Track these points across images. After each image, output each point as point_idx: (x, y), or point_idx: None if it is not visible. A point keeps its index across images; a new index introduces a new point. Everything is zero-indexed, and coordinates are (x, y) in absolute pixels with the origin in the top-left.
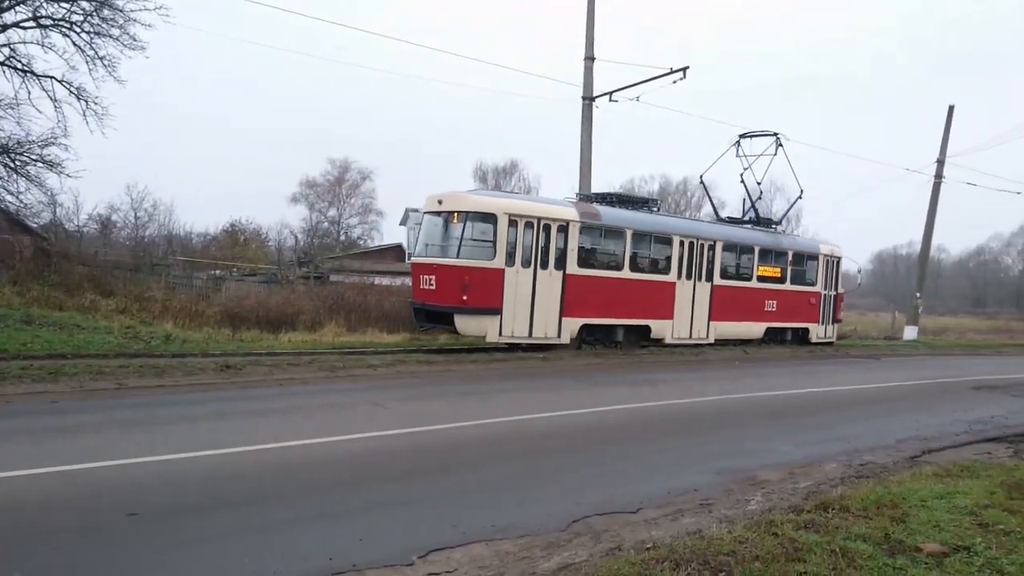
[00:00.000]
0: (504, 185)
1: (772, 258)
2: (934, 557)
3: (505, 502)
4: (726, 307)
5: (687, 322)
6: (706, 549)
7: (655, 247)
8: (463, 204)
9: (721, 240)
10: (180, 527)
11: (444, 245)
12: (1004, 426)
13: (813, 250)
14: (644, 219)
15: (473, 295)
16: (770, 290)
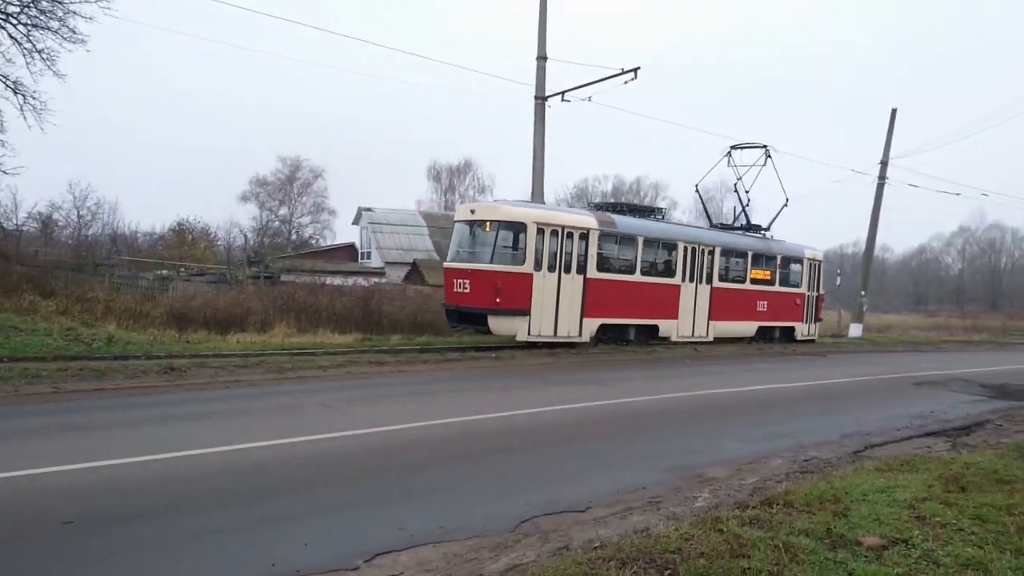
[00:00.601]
0: (458, 185)
1: (763, 262)
2: (874, 550)
3: (454, 503)
4: (724, 308)
5: (690, 322)
6: (653, 547)
7: (662, 252)
8: (495, 214)
9: (719, 246)
10: (118, 535)
11: (477, 251)
12: (943, 420)
13: (798, 254)
14: (653, 227)
15: (505, 298)
16: (761, 292)
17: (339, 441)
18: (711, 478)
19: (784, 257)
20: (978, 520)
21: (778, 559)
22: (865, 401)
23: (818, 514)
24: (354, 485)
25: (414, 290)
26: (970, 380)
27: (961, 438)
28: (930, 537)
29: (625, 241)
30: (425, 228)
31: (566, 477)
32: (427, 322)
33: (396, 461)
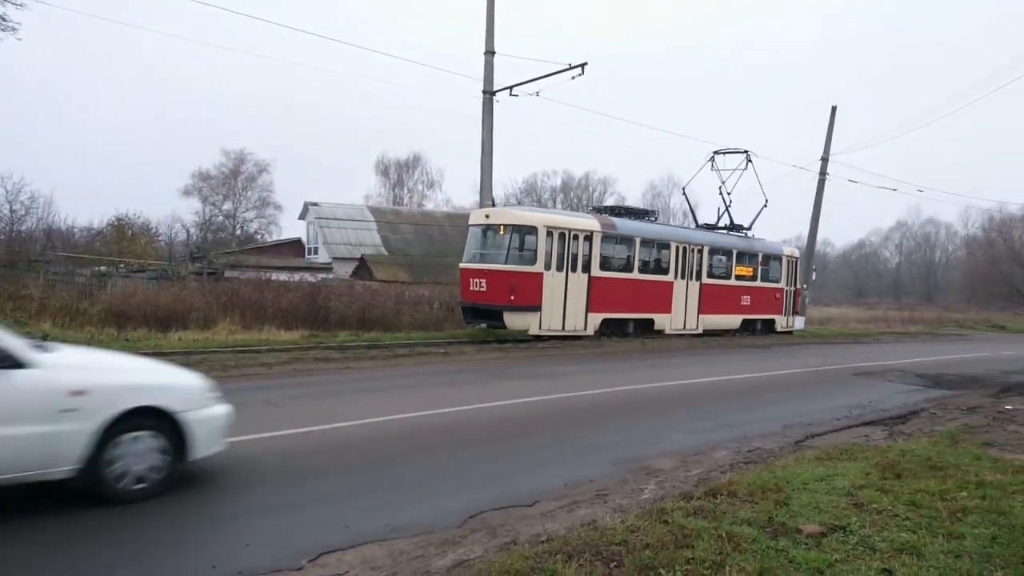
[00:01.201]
0: (407, 180)
1: (746, 259)
2: (813, 537)
3: (401, 500)
4: (711, 302)
5: (682, 316)
6: (599, 540)
7: (657, 252)
8: (508, 218)
9: (708, 245)
10: (51, 541)
11: (492, 253)
12: (881, 410)
13: (777, 252)
14: (649, 228)
15: (519, 295)
16: (745, 287)
17: (283, 439)
18: (657, 470)
19: (765, 254)
20: (912, 506)
21: (721, 548)
22: (807, 392)
23: (761, 503)
24: (299, 484)
25: (362, 285)
26: (906, 371)
27: (897, 427)
28: (867, 523)
29: (624, 242)
30: (373, 223)
31: (514, 472)
32: (375, 318)
33: (343, 459)
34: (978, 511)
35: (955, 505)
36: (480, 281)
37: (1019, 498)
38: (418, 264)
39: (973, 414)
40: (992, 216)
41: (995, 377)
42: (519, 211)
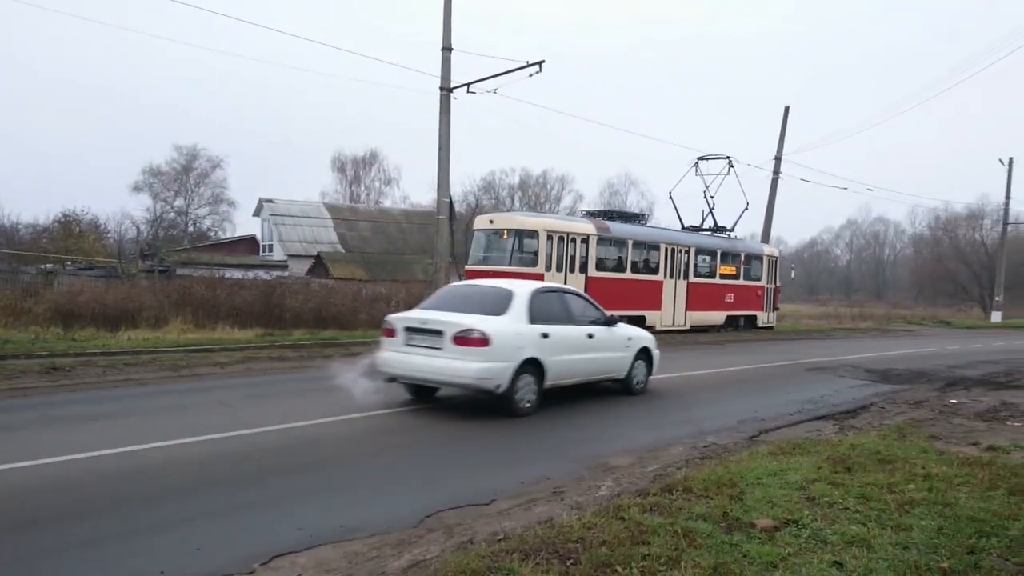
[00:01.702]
0: (364, 176)
1: (729, 259)
2: (767, 532)
3: (356, 501)
4: (698, 300)
5: (671, 313)
6: (556, 537)
7: (648, 253)
8: (512, 223)
9: (694, 246)
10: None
11: (497, 255)
12: (832, 404)
13: (758, 251)
14: (640, 231)
15: None
16: (729, 285)
17: (236, 440)
18: (614, 466)
19: (747, 254)
20: (862, 499)
21: (677, 544)
22: (761, 387)
23: (715, 499)
24: (252, 485)
25: (319, 283)
26: (857, 366)
27: (848, 421)
28: (819, 517)
29: (618, 244)
30: (330, 220)
31: (470, 470)
32: (332, 316)
33: (297, 459)
34: (925, 503)
35: (903, 497)
36: None
37: (964, 490)
38: (376, 262)
39: (920, 408)
40: (938, 215)
41: (941, 372)
42: (521, 216)
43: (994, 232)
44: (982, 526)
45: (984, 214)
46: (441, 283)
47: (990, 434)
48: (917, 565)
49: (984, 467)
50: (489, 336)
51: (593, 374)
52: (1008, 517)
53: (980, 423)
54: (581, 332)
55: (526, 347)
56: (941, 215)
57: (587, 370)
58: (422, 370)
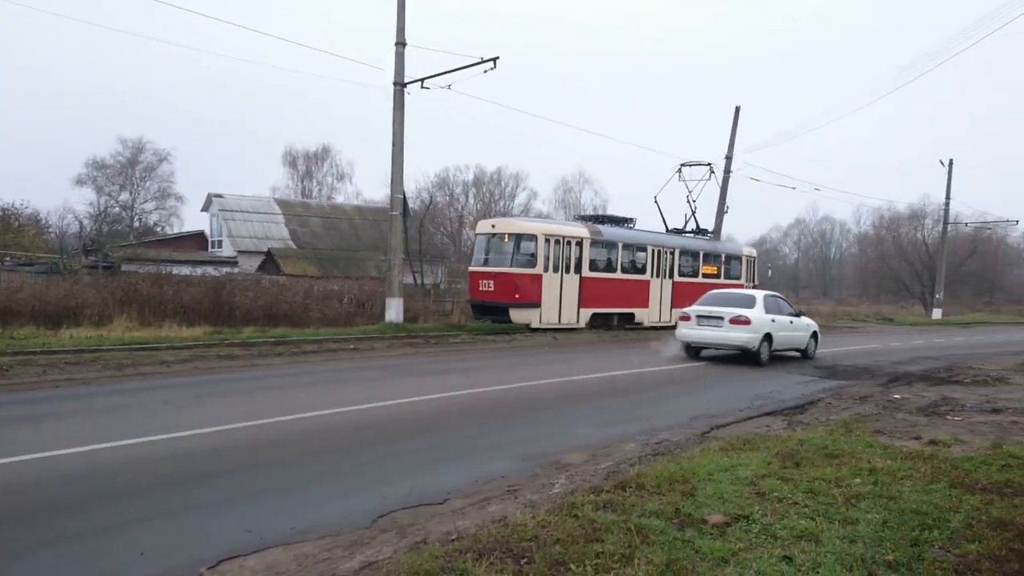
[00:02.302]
0: (316, 172)
1: (711, 259)
2: (718, 528)
3: (307, 501)
4: (683, 298)
5: (657, 310)
6: (510, 536)
7: (637, 254)
8: (513, 228)
9: (679, 247)
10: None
11: (499, 258)
12: (780, 400)
13: (738, 252)
14: (630, 234)
15: (522, 294)
16: (711, 284)
17: (183, 441)
18: (568, 464)
19: (727, 255)
20: (811, 493)
21: (630, 541)
22: (712, 384)
23: (668, 495)
24: (199, 487)
25: (269, 280)
26: (804, 362)
27: (796, 416)
28: (769, 512)
29: (609, 246)
30: (281, 216)
31: (425, 469)
32: (283, 313)
33: (245, 460)
34: (871, 497)
35: (849, 491)
36: (488, 282)
37: (907, 483)
38: (328, 258)
39: (865, 403)
40: (882, 215)
41: (884, 368)
42: (521, 221)
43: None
44: (924, 519)
45: (925, 214)
46: (395, 280)
47: (931, 428)
48: (863, 558)
49: (926, 461)
50: (751, 319)
51: (791, 344)
52: (949, 509)
53: (922, 417)
54: (787, 320)
55: (765, 327)
56: (885, 215)
57: (789, 343)
58: (710, 338)
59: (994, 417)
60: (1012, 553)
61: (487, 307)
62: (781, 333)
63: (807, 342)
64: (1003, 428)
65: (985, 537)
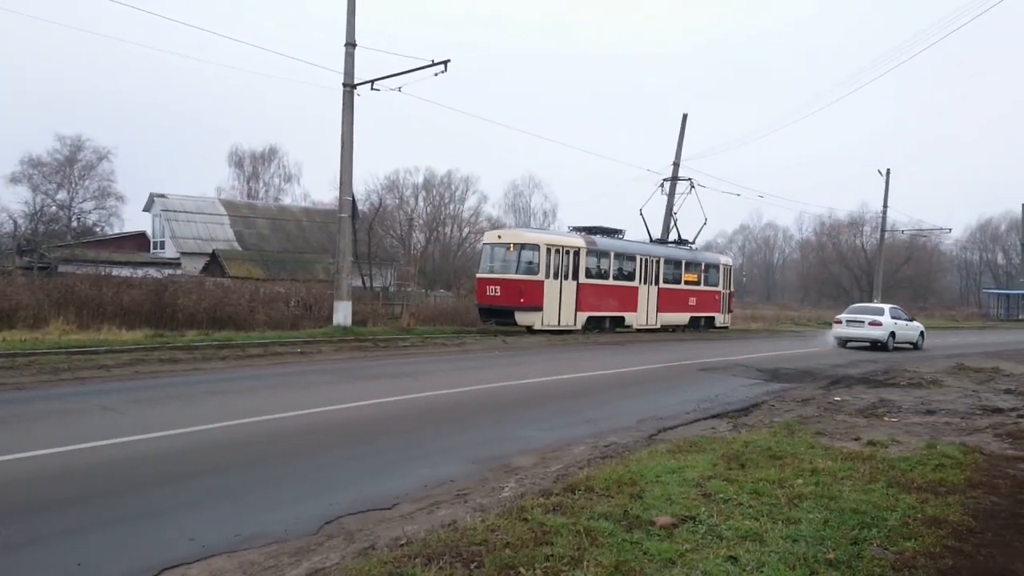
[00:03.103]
0: (262, 173)
1: (692, 268)
2: (666, 529)
3: (252, 508)
4: (667, 303)
5: (645, 314)
6: (459, 540)
7: (626, 263)
8: (518, 238)
9: (663, 256)
10: None
11: (505, 265)
12: (726, 403)
13: (716, 261)
14: (621, 244)
15: (527, 299)
16: (692, 290)
17: (122, 447)
18: (518, 467)
19: (706, 264)
20: (755, 494)
21: (579, 544)
22: (659, 387)
23: (616, 497)
24: (139, 495)
25: (213, 282)
26: (749, 365)
27: (741, 419)
28: (715, 513)
29: (602, 255)
30: (226, 217)
31: (374, 474)
32: (227, 316)
33: (188, 466)
34: (812, 497)
35: (792, 492)
36: (495, 288)
37: (847, 483)
38: (274, 260)
39: (807, 405)
40: (823, 221)
41: (825, 371)
42: (525, 232)
43: (873, 238)
44: (863, 517)
45: (864, 221)
46: (344, 283)
47: (870, 429)
48: (805, 557)
49: (865, 461)
50: (882, 322)
51: (907, 339)
52: (886, 508)
53: (861, 419)
54: (904, 323)
55: (890, 327)
56: (826, 222)
57: (905, 338)
58: (855, 334)
59: (928, 418)
60: (946, 550)
61: (494, 311)
62: (900, 332)
63: (916, 338)
64: (937, 429)
65: (921, 535)
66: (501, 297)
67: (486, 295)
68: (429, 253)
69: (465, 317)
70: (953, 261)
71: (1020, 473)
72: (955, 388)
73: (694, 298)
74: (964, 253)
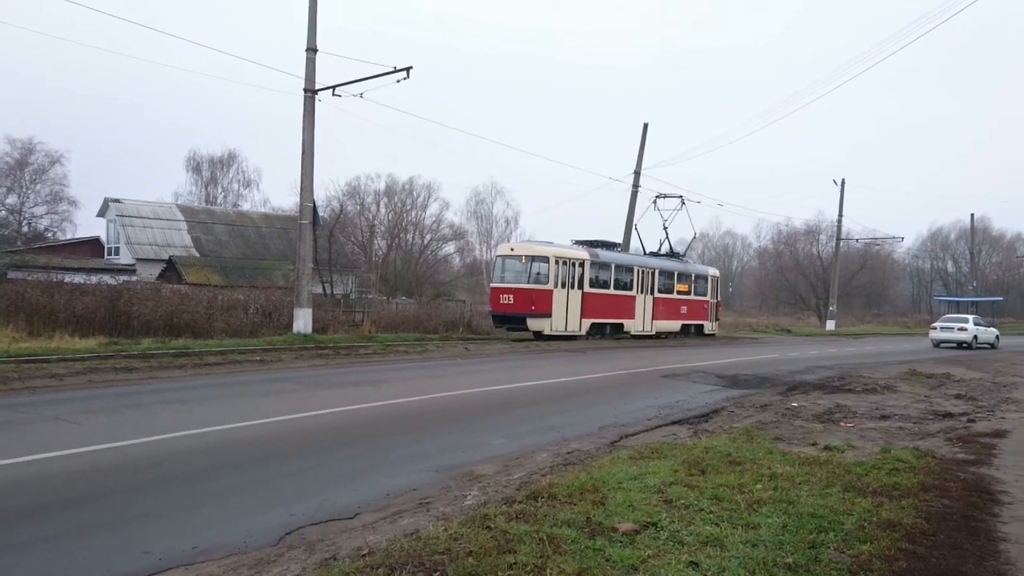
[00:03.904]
0: (221, 178)
1: (684, 279)
2: (628, 536)
3: (211, 519)
4: (661, 311)
5: (641, 321)
6: (422, 550)
7: (624, 274)
8: (529, 251)
9: (658, 268)
10: None
11: (516, 275)
12: (687, 409)
13: (705, 272)
14: (620, 256)
15: (537, 306)
16: (683, 299)
17: (76, 458)
18: (480, 475)
19: (696, 275)
20: (716, 500)
21: (542, 551)
22: (620, 394)
23: (579, 504)
24: (95, 507)
25: (170, 289)
26: (708, 372)
27: (701, 425)
28: (676, 519)
29: (604, 267)
30: (183, 222)
31: (334, 483)
32: (185, 324)
33: (144, 477)
34: (771, 502)
35: (752, 497)
36: (508, 296)
37: (805, 488)
38: (233, 267)
39: (765, 411)
40: (780, 230)
41: (783, 377)
42: (536, 246)
43: (829, 247)
44: (821, 521)
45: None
46: (304, 290)
47: (826, 435)
48: (765, 561)
49: (822, 466)
50: (967, 328)
51: (987, 341)
52: (843, 512)
53: (818, 424)
54: (984, 328)
55: (973, 331)
56: (783, 230)
57: (985, 339)
58: (947, 337)
59: (883, 423)
60: (900, 552)
61: (507, 317)
62: (981, 335)
63: (993, 339)
64: (891, 433)
65: (876, 538)
66: (514, 305)
67: (500, 303)
68: (391, 260)
69: (427, 324)
70: (905, 269)
71: (970, 477)
72: (908, 393)
73: (685, 307)
74: (916, 261)
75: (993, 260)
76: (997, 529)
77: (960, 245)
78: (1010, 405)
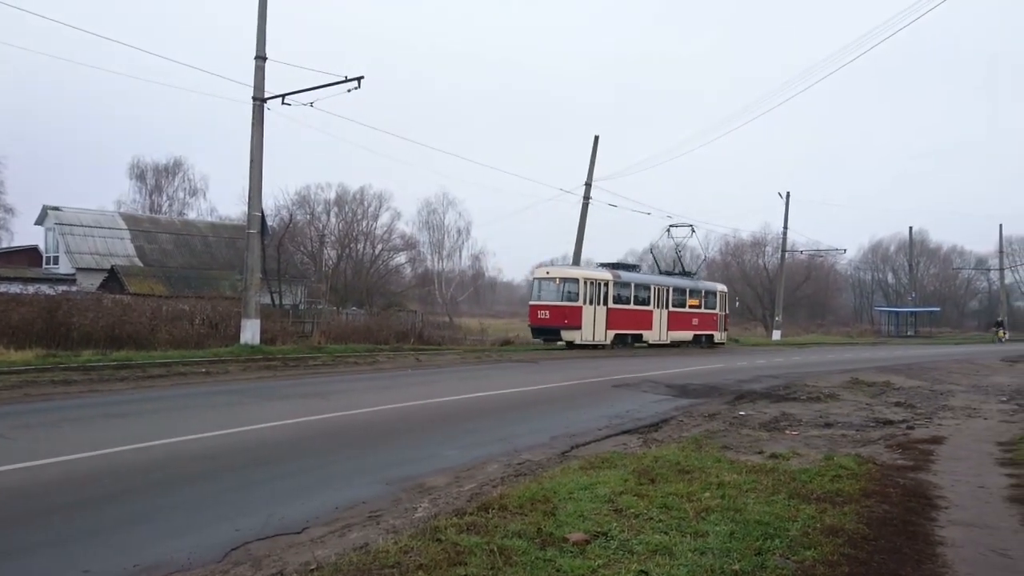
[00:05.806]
0: (166, 186)
1: (695, 294)
2: (579, 546)
3: (153, 537)
4: (675, 323)
5: (658, 332)
6: (371, 563)
7: (642, 291)
8: (562, 274)
9: (672, 286)
10: None
11: (551, 294)
12: (637, 419)
13: (714, 289)
14: (639, 277)
15: (570, 320)
16: (695, 312)
17: (11, 475)
18: (431, 487)
19: (706, 291)
20: (665, 508)
21: (493, 563)
22: (572, 404)
23: (530, 515)
24: (29, 526)
25: (112, 299)
26: (659, 382)
27: (651, 434)
28: (626, 528)
29: (625, 286)
30: (126, 231)
31: (282, 497)
32: (127, 335)
33: (84, 493)
34: (719, 509)
35: (700, 505)
36: (545, 312)
37: (751, 496)
38: (178, 277)
39: (713, 420)
40: (728, 241)
41: (731, 386)
42: (568, 269)
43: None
44: (767, 528)
45: (766, 241)
46: (252, 300)
47: (772, 443)
48: (713, 569)
49: (768, 474)
50: None
51: None
52: (788, 519)
53: (764, 433)
54: None
55: None
56: (730, 241)
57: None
58: None
59: (826, 431)
60: (843, 557)
61: (544, 330)
62: None
63: None
64: (834, 441)
65: (820, 543)
66: (550, 319)
67: (538, 317)
68: (341, 270)
69: (378, 335)
70: (848, 280)
71: (909, 482)
72: (850, 402)
73: (696, 319)
74: (858, 273)
75: (931, 272)
76: (935, 533)
77: (899, 257)
78: (947, 412)
